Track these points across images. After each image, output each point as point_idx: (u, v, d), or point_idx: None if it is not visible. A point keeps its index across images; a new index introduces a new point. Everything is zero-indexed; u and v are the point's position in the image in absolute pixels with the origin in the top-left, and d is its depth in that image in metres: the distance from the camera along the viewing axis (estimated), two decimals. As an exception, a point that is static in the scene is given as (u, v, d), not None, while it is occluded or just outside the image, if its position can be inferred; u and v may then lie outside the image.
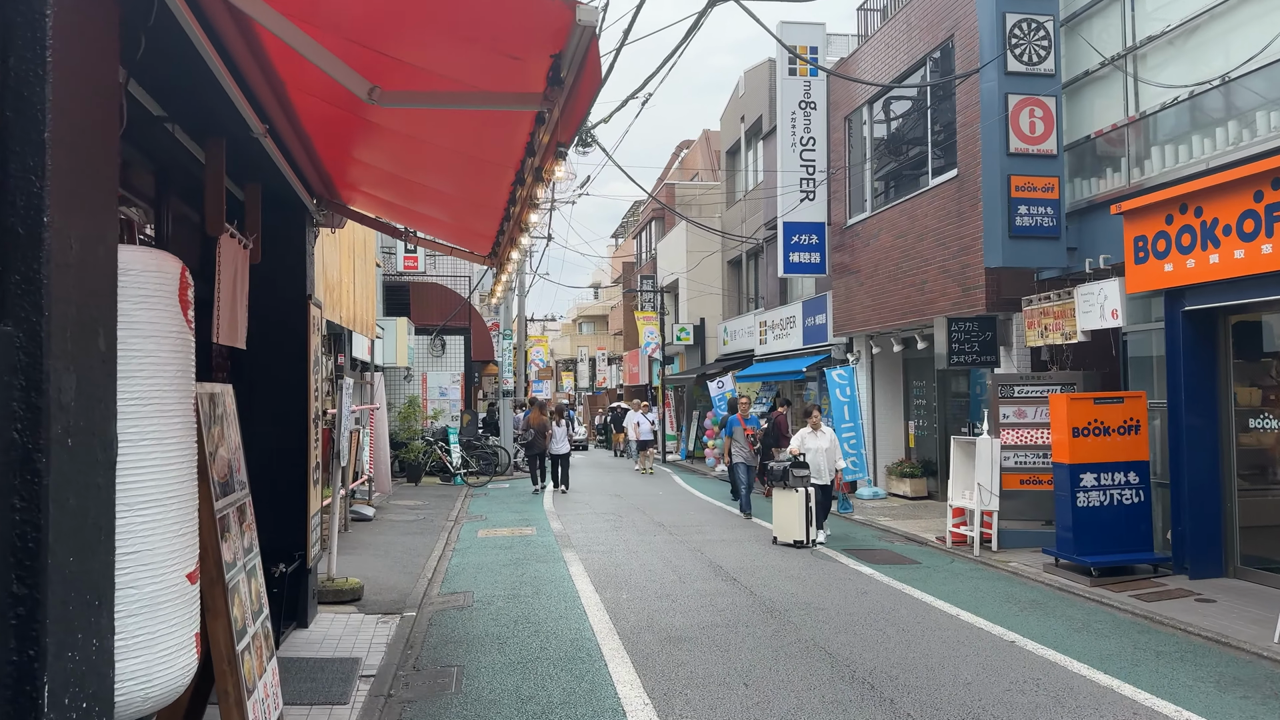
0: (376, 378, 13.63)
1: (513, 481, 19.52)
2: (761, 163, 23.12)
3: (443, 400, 21.42)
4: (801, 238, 16.21)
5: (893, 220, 13.53)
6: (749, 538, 11.02)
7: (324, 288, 9.16)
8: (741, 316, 23.53)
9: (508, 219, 5.57)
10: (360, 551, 9.89)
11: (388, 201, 6.32)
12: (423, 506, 14.32)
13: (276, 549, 6.31)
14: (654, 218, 32.87)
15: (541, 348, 40.43)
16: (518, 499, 15.87)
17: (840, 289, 15.51)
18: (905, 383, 15.37)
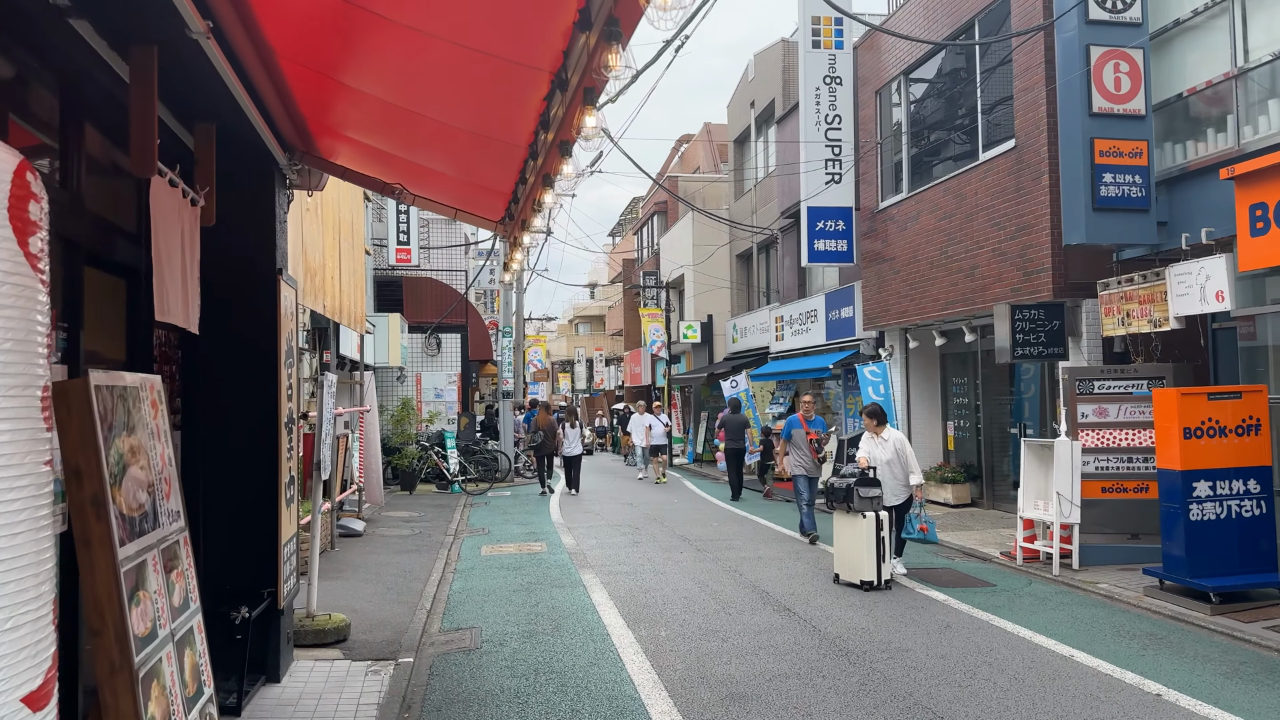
0: (366, 377, 12.36)
1: (514, 489, 18.24)
2: (774, 151, 21.91)
3: (438, 402, 20.13)
4: (827, 224, 14.98)
5: (935, 201, 12.30)
6: (789, 554, 9.76)
7: (304, 271, 7.89)
8: (753, 312, 22.29)
9: (531, 161, 4.33)
10: (348, 575, 8.60)
11: (378, 151, 5.05)
12: (418, 519, 13.03)
13: (239, 588, 5.06)
14: (656, 212, 31.62)
15: (540, 348, 39.13)
16: (522, 508, 14.59)
17: (871, 279, 14.28)
18: (943, 380, 14.14)
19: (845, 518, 8.13)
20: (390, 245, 18.38)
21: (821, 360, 16.11)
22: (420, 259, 20.20)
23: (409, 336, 19.80)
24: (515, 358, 20.94)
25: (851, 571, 8.01)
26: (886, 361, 13.92)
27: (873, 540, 7.88)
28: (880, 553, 7.86)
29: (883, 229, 13.87)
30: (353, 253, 10.62)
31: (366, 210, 18.46)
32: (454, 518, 13.24)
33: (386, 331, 17.24)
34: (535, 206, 5.13)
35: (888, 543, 8.00)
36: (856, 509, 7.96)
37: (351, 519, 11.58)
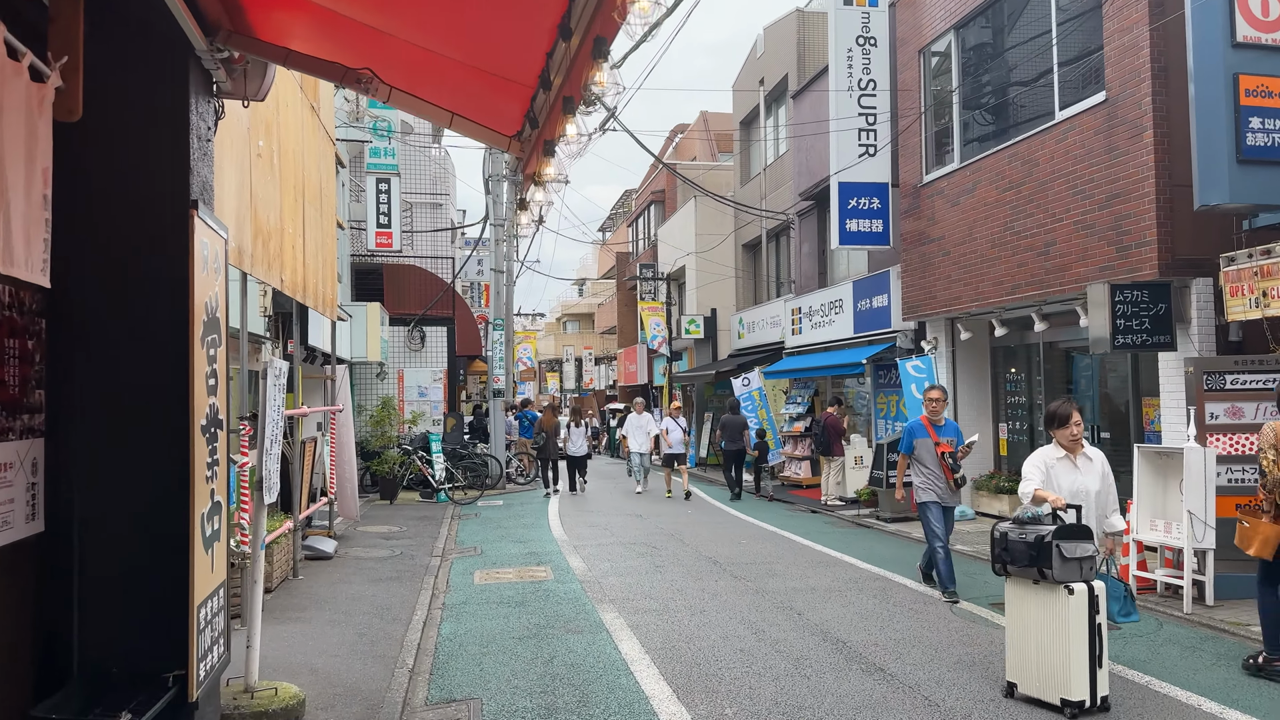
0: (339, 372, 10.64)
1: (506, 497, 16.53)
2: (785, 132, 20.31)
3: (422, 402, 18.39)
4: (860, 201, 13.37)
5: (997, 170, 10.71)
6: (846, 584, 8.12)
7: (253, 231, 6.18)
8: (762, 305, 20.68)
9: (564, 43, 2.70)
10: (310, 614, 6.89)
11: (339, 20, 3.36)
12: (400, 535, 11.31)
13: (134, 671, 3.39)
14: (653, 201, 29.98)
15: (530, 344, 37.43)
16: (517, 521, 12.89)
17: (912, 263, 12.68)
18: (994, 376, 12.56)
19: (1030, 591, 4.86)
20: (369, 228, 16.65)
21: (850, 355, 14.51)
22: (403, 245, 18.46)
23: (390, 329, 18.07)
24: (507, 353, 19.24)
25: (1044, 681, 4.77)
26: (931, 356, 12.33)
27: (1084, 630, 4.66)
28: (1097, 650, 4.68)
29: (928, 206, 12.27)
30: (321, 222, 8.91)
31: (343, 191, 16.74)
32: (441, 533, 11.53)
33: (365, 323, 15.52)
34: (570, 104, 3.48)
35: (1101, 637, 4.72)
36: (1059, 579, 4.70)
37: (320, 537, 9.85)
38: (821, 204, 16.78)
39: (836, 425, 14.06)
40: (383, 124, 16.69)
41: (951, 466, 7.48)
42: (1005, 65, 11.21)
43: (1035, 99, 10.39)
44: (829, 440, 14.06)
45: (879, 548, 10.12)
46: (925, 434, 7.64)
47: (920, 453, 7.60)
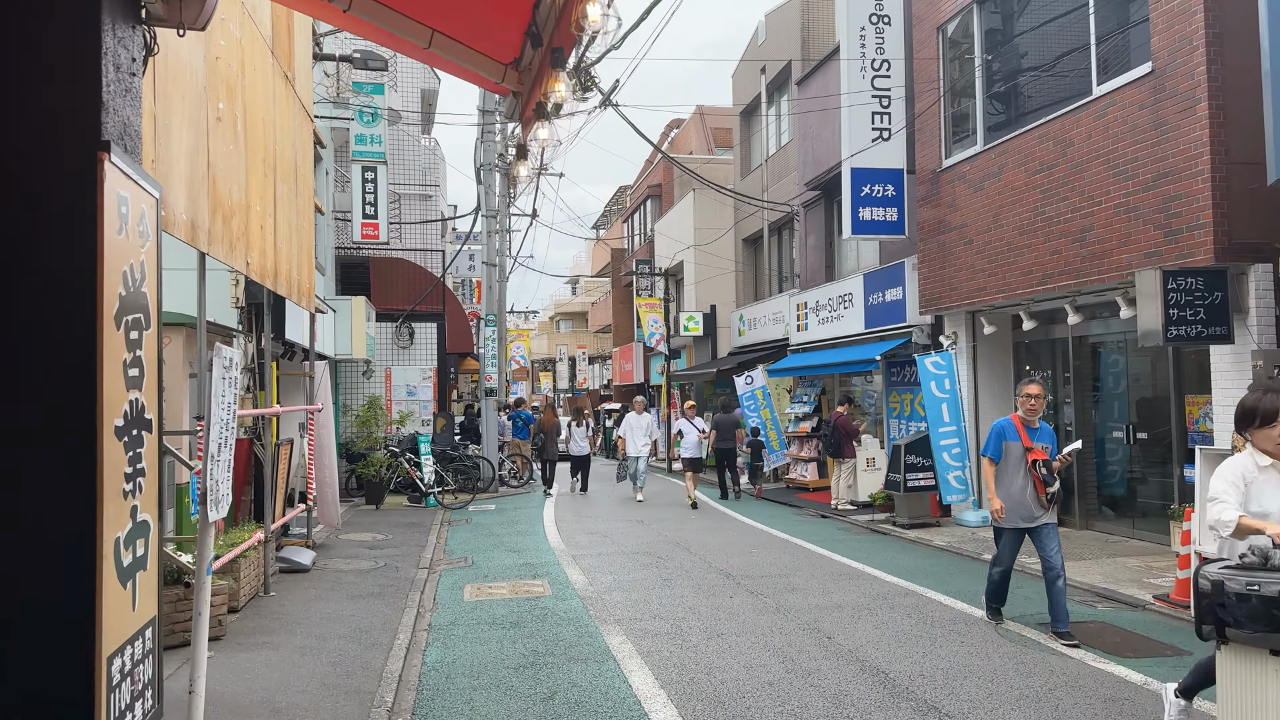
0: (319, 368, 9.85)
1: (499, 500, 15.76)
2: (787, 122, 19.59)
3: (411, 401, 17.60)
4: (874, 189, 12.64)
5: (1025, 151, 9.99)
6: (875, 600, 7.38)
7: (210, 205, 5.42)
8: (764, 301, 19.96)
9: None
10: (279, 639, 6.12)
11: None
12: (384, 543, 10.53)
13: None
14: (649, 196, 29.23)
15: (523, 343, 36.63)
16: (510, 528, 12.11)
17: (930, 253, 11.95)
18: (1017, 373, 11.84)
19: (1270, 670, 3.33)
20: (355, 219, 15.84)
21: (861, 351, 13.78)
22: (391, 237, 17.67)
23: (377, 325, 17.28)
24: (500, 351, 18.45)
25: None
26: (952, 351, 11.61)
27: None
28: None
29: (948, 192, 11.54)
30: (296, 203, 8.12)
31: (327, 179, 15.95)
32: (429, 541, 10.76)
33: (350, 318, 14.73)
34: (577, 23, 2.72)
35: None
36: None
37: (297, 548, 9.07)
38: (829, 194, 16.06)
39: (847, 426, 13.33)
40: (368, 109, 15.90)
41: (1044, 479, 6.14)
42: (1032, 40, 10.48)
43: (1068, 74, 9.66)
44: (839, 441, 13.32)
45: (901, 558, 9.38)
46: (1016, 436, 6.18)
47: (1011, 458, 6.17)
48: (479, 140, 17.32)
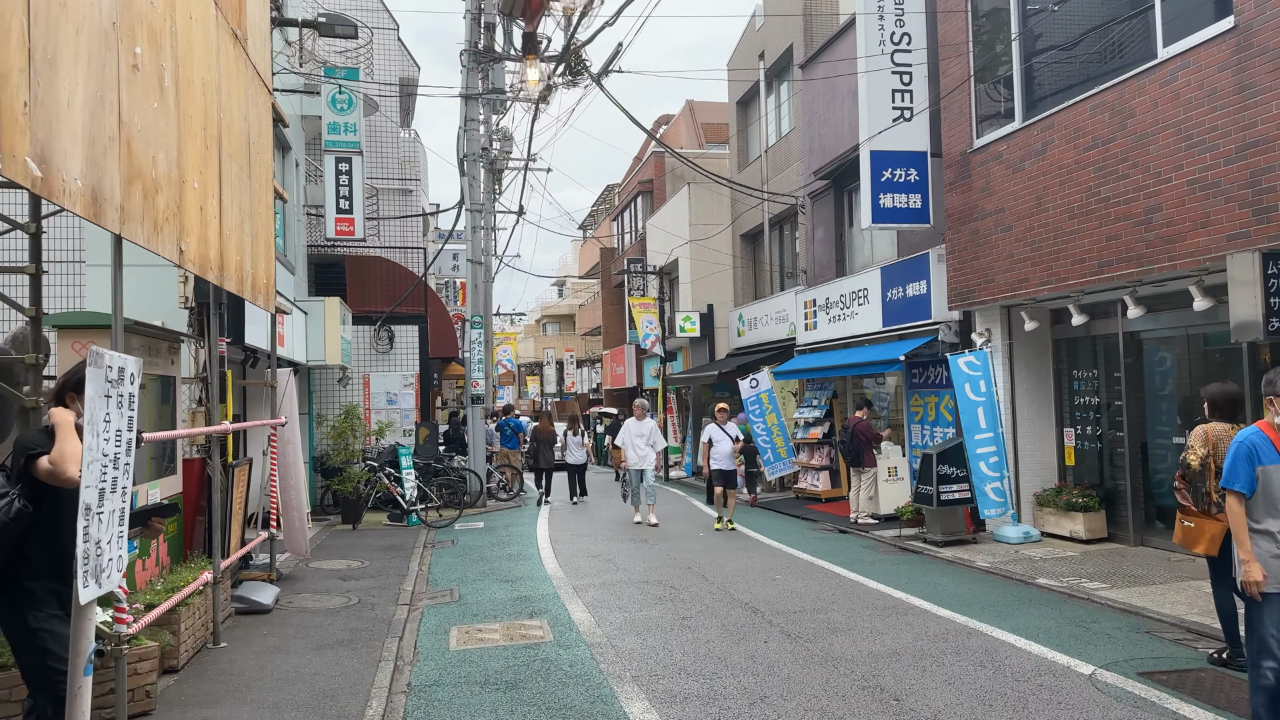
0: (282, 377, 8.69)
1: (487, 516, 14.59)
2: (788, 110, 18.55)
3: (392, 410, 16.41)
4: (895, 173, 11.57)
5: (1076, 125, 8.93)
6: (936, 639, 6.27)
7: (124, 174, 4.26)
8: (765, 300, 18.88)
9: None
10: (217, 714, 4.94)
11: None
12: (359, 572, 9.36)
13: None
14: (641, 192, 28.12)
15: (510, 346, 35.43)
16: (502, 549, 10.96)
17: (961, 242, 10.89)
18: (1058, 373, 10.79)
19: None
20: (328, 214, 14.65)
21: (880, 351, 12.70)
22: (368, 234, 16.48)
23: (354, 329, 16.08)
24: (486, 355, 17.29)
25: None
26: (987, 350, 10.55)
27: None
28: None
29: (981, 174, 10.49)
30: (250, 184, 6.96)
31: (298, 171, 14.76)
32: (410, 569, 9.59)
33: (323, 321, 13.54)
34: None
35: None
36: None
37: (257, 583, 7.89)
38: (839, 183, 15.01)
39: (868, 432, 12.25)
40: (342, 95, 14.72)
41: None
42: (1079, 2, 9.43)
43: (1126, 37, 8.61)
44: (859, 449, 12.24)
45: (946, 583, 8.29)
46: (1275, 456, 4.09)
47: (1268, 490, 4.09)
48: (461, 129, 16.17)
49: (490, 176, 21.38)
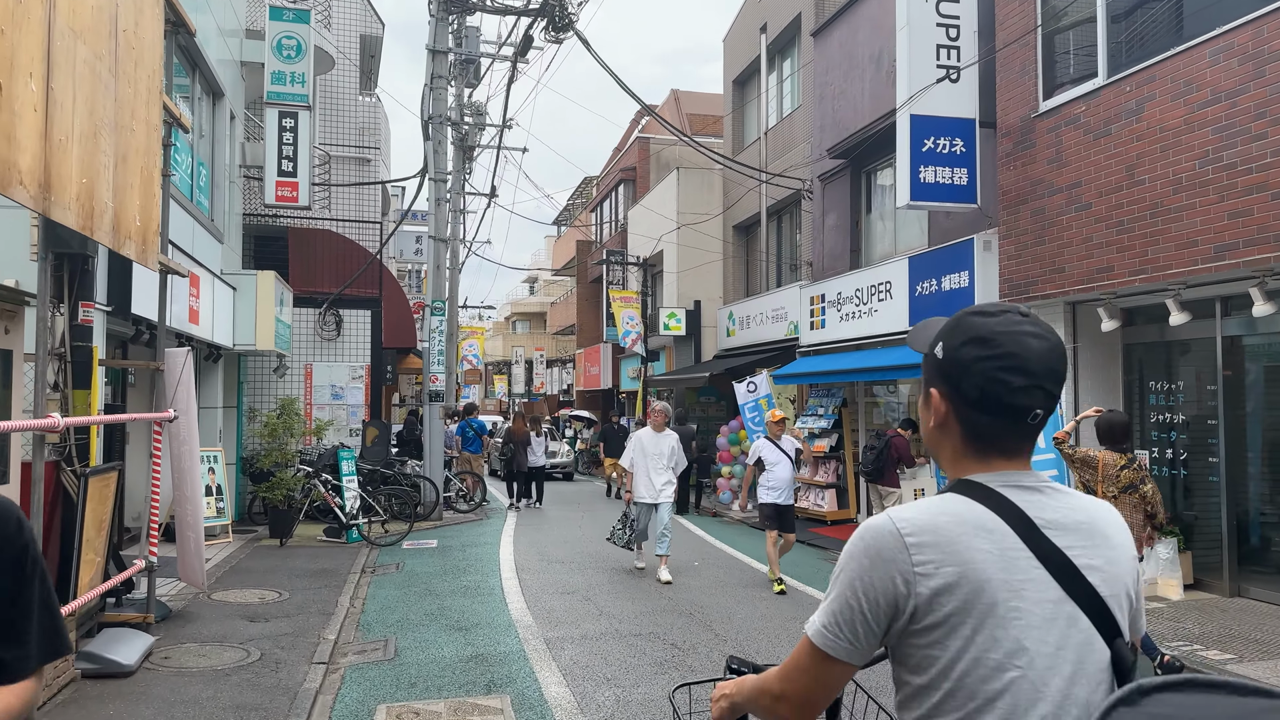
0: (175, 357, 6.70)
1: (444, 532, 12.60)
2: (795, 85, 16.80)
3: (337, 406, 14.39)
4: (939, 143, 9.80)
5: (1186, 77, 7.21)
6: None
7: None
8: (760, 296, 17.09)
9: None
10: None
11: None
12: (274, 608, 7.37)
13: None
14: (623, 179, 26.27)
15: (477, 341, 33.37)
16: (455, 578, 9.00)
17: (1019, 225, 9.15)
18: (1128, 385, 9.08)
19: None
20: (268, 176, 12.60)
21: (909, 354, 10.91)
22: (317, 202, 14.45)
23: (296, 312, 14.04)
24: (449, 347, 15.31)
25: None
26: (1051, 353, 8.75)
27: None
28: None
29: (1048, 143, 8.74)
30: (116, 87, 4.98)
31: (233, 126, 12.71)
32: (338, 605, 7.62)
33: (254, 298, 11.52)
34: None
35: None
36: None
37: (121, 630, 5.90)
38: (857, 163, 13.25)
39: (904, 451, 10.47)
40: (290, 41, 12.69)
41: None
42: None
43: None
44: (884, 465, 10.46)
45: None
46: None
47: None
48: (427, 86, 14.19)
49: (460, 154, 19.45)
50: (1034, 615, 1.23)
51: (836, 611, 1.29)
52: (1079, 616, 1.25)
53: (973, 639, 1.22)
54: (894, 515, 1.29)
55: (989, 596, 1.22)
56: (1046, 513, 1.30)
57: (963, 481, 1.34)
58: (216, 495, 10.89)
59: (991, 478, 1.32)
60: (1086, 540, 1.30)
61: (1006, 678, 1.21)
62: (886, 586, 1.25)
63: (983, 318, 1.34)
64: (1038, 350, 1.30)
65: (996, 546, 1.25)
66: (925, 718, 1.26)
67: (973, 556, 1.24)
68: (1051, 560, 1.26)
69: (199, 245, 10.09)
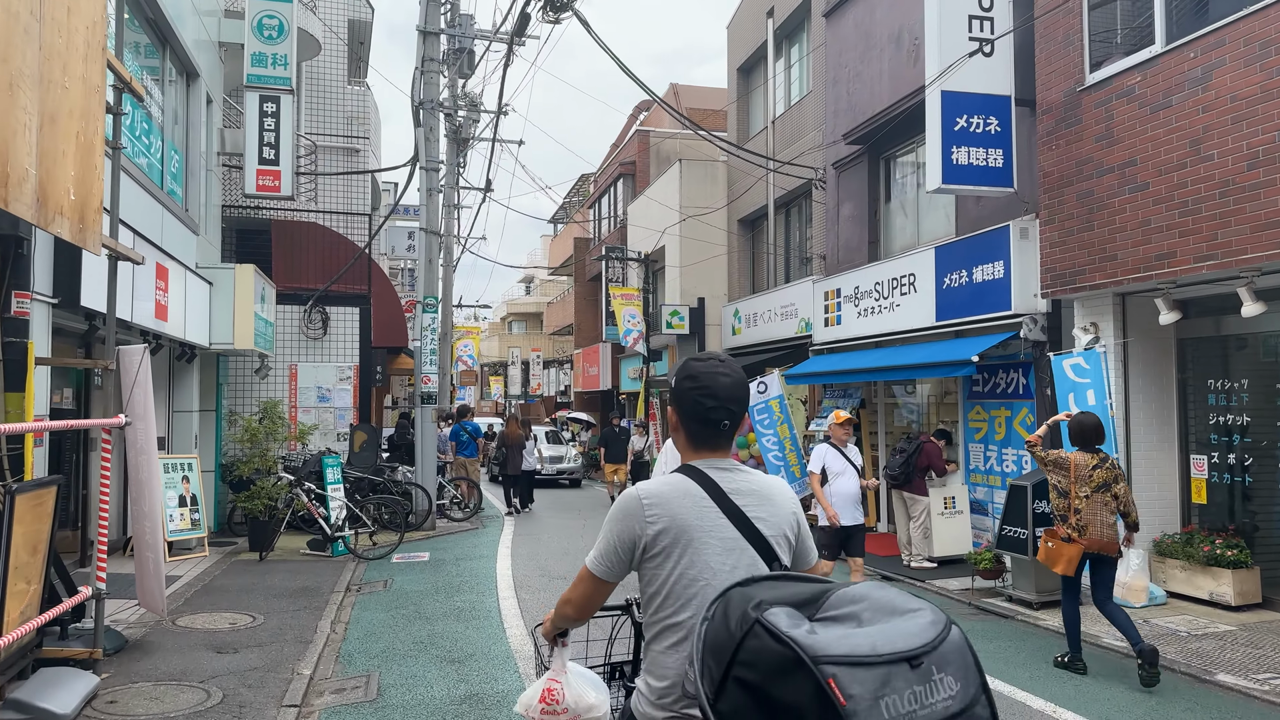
0: (130, 355, 5.92)
1: (436, 543, 11.81)
2: (805, 71, 16.06)
3: (324, 409, 13.60)
4: (973, 121, 9.04)
5: (1266, 36, 6.44)
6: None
7: None
8: (768, 293, 16.33)
9: None
10: None
11: None
12: (245, 635, 6.56)
13: None
14: (622, 174, 25.49)
15: (472, 341, 32.56)
16: (448, 599, 8.21)
17: (1064, 208, 8.39)
18: (1181, 384, 8.32)
19: None
20: (248, 164, 11.80)
21: (940, 351, 10.15)
22: (303, 195, 13.66)
23: (281, 310, 13.26)
24: (442, 347, 14.52)
25: None
26: (1101, 351, 8.04)
27: None
28: None
29: (1098, 119, 7.98)
30: (42, 34, 4.21)
31: (209, 111, 11.93)
32: (318, 631, 6.83)
33: (232, 292, 10.74)
34: None
35: None
36: None
37: (59, 672, 5.10)
38: (875, 149, 12.49)
39: (936, 459, 9.72)
40: (271, 20, 11.90)
41: None
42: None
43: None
44: (913, 471, 9.71)
45: (1093, 691, 5.72)
46: None
47: None
48: (419, 70, 13.39)
49: (453, 147, 18.66)
50: (718, 546, 1.98)
51: (604, 550, 2.06)
52: (748, 548, 2.00)
53: (679, 562, 1.97)
54: (639, 488, 2.05)
55: (689, 535, 1.98)
56: (731, 484, 2.04)
57: (685, 465, 2.09)
58: (191, 506, 10.10)
59: (701, 463, 2.08)
60: (757, 501, 2.05)
61: (698, 585, 1.96)
62: (632, 532, 2.01)
63: (697, 363, 2.10)
64: (725, 384, 2.06)
65: (696, 504, 2.00)
66: (654, 613, 2.02)
67: (680, 511, 1.99)
68: (732, 513, 2.01)
69: (170, 236, 9.30)
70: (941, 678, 1.40)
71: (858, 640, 1.41)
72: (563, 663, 2.35)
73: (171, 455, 10.24)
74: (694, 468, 2.04)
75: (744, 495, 2.01)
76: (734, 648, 1.47)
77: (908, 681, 1.37)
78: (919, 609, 1.50)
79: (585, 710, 2.30)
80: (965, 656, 1.46)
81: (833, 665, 1.36)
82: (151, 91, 9.71)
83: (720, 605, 1.58)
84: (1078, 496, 5.78)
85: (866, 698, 1.34)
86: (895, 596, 1.54)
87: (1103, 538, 5.75)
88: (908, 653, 1.40)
